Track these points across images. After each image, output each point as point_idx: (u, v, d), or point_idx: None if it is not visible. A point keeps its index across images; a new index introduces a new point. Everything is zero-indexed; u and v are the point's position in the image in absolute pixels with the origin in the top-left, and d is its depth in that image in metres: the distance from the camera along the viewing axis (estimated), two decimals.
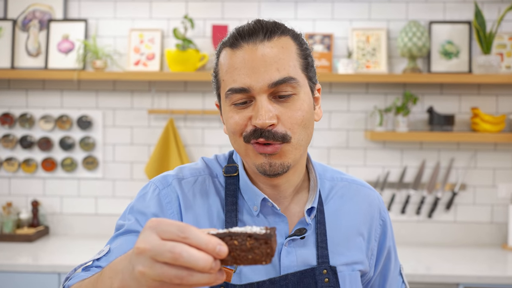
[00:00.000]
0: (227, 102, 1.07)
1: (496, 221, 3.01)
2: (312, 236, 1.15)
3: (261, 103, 1.03)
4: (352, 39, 2.98)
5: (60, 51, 3.03)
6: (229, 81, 1.05)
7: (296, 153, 1.07)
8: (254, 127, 1.04)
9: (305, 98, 1.07)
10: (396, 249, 1.32)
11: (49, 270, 2.50)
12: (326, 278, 1.13)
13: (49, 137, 3.07)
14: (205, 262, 0.70)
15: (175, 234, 0.71)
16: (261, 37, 1.05)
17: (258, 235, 0.73)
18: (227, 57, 1.07)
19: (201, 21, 3.04)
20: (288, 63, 1.05)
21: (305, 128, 1.07)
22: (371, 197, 1.25)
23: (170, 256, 0.69)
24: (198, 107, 3.05)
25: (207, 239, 0.70)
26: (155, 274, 0.71)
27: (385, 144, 3.03)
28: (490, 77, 2.80)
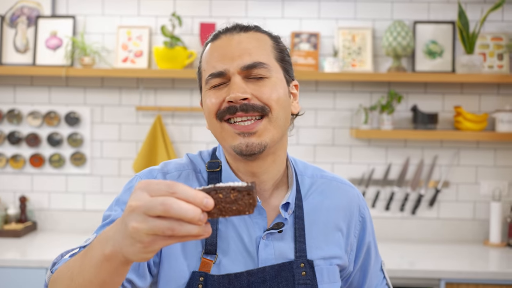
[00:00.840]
0: (206, 88, 1.14)
1: (478, 217, 3.07)
2: (290, 231, 1.18)
3: (234, 81, 1.10)
4: (338, 38, 3.02)
5: (48, 48, 3.04)
6: (209, 68, 1.14)
7: (273, 131, 1.11)
8: (229, 103, 1.10)
9: (278, 83, 1.13)
10: (376, 245, 1.36)
11: (37, 265, 2.52)
12: (303, 271, 1.16)
13: (37, 133, 3.08)
14: (193, 213, 0.73)
15: (164, 191, 0.75)
16: (238, 30, 1.15)
17: (241, 187, 0.78)
18: (208, 49, 1.17)
19: (189, 19, 3.07)
20: (261, 51, 1.13)
21: (282, 108, 1.13)
22: (351, 194, 1.29)
23: (162, 209, 0.73)
24: (186, 104, 3.08)
25: (195, 193, 0.75)
26: (148, 228, 0.74)
27: (370, 141, 3.08)
28: (473, 76, 2.85)
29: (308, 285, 1.16)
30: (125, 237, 0.77)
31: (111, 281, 0.85)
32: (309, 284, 1.16)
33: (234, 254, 1.15)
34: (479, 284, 2.50)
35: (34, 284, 2.51)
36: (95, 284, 0.86)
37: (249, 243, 1.16)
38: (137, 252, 0.77)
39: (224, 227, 1.16)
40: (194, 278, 1.11)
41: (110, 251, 0.80)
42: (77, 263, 0.89)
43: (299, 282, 1.15)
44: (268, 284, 1.13)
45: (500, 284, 2.50)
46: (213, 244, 1.14)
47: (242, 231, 1.16)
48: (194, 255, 1.14)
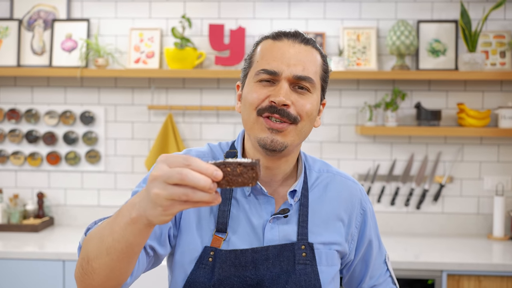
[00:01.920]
0: (254, 79, 1.25)
1: (482, 212, 3.14)
2: (295, 216, 1.31)
3: (282, 85, 1.22)
4: (343, 37, 3.11)
5: (63, 50, 3.16)
6: (264, 63, 1.25)
7: (296, 138, 1.25)
8: (271, 103, 1.22)
9: (315, 99, 1.27)
10: (380, 238, 1.47)
11: (54, 257, 2.64)
12: (303, 252, 1.28)
13: (53, 132, 3.21)
14: (205, 182, 0.87)
15: (181, 163, 0.89)
16: (300, 40, 1.27)
17: (246, 163, 0.92)
18: (268, 45, 1.27)
19: (198, 21, 3.17)
20: (313, 68, 1.26)
21: (309, 121, 1.26)
22: (353, 188, 1.41)
23: (178, 177, 0.87)
24: (196, 103, 3.18)
25: (206, 166, 0.89)
26: (167, 193, 0.88)
27: (375, 138, 3.15)
28: (475, 74, 2.92)
29: (307, 265, 1.28)
30: (148, 202, 0.91)
31: (135, 241, 0.99)
32: (308, 264, 1.28)
33: (243, 233, 1.28)
34: (480, 275, 2.57)
35: (51, 275, 2.63)
36: (121, 244, 0.99)
37: (257, 225, 1.28)
38: (158, 214, 0.91)
39: (236, 210, 1.29)
40: (206, 251, 1.25)
41: (136, 215, 0.95)
42: (107, 226, 1.03)
43: (299, 262, 1.27)
44: (271, 261, 1.26)
45: (501, 276, 2.56)
46: (224, 223, 1.27)
47: (251, 215, 1.29)
48: (207, 232, 1.27)
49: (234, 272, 1.23)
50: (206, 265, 1.24)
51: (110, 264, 1.03)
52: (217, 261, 1.23)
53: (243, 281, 1.23)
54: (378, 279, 1.45)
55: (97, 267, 1.05)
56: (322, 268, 1.30)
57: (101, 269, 1.05)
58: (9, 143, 3.24)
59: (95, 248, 1.04)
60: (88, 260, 1.06)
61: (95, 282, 1.07)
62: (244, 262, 1.24)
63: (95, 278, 1.07)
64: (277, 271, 1.25)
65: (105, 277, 1.06)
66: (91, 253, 1.05)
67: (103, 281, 1.07)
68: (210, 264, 1.24)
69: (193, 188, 0.87)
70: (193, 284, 1.24)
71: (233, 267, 1.24)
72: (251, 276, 1.24)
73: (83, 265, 1.08)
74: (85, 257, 1.07)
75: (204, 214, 1.28)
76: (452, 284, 2.57)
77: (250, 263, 1.25)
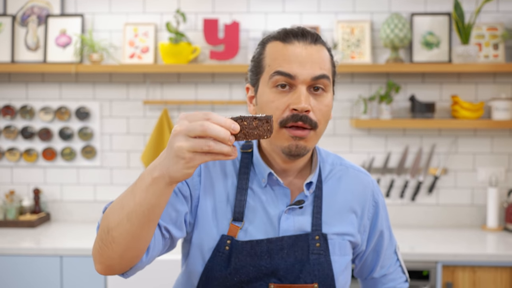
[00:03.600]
0: (269, 84, 1.26)
1: (476, 203, 3.17)
2: (310, 207, 1.34)
3: (301, 91, 1.23)
4: (338, 31, 3.12)
5: (58, 45, 3.16)
6: (276, 66, 1.25)
7: (315, 141, 1.29)
8: (293, 111, 1.23)
9: (330, 97, 1.29)
10: (391, 229, 1.51)
11: (51, 253, 2.65)
12: (317, 243, 1.32)
13: (48, 128, 3.21)
14: (225, 133, 0.93)
15: (201, 118, 0.94)
16: (310, 40, 1.26)
17: (261, 117, 0.97)
18: (278, 47, 1.27)
19: (192, 15, 3.17)
20: (326, 65, 1.27)
21: (326, 122, 1.29)
22: (365, 181, 1.45)
23: (200, 129, 0.92)
24: (191, 97, 3.19)
25: (225, 119, 0.94)
26: (189, 145, 0.93)
27: (370, 131, 3.17)
28: (469, 66, 2.94)
29: (321, 255, 1.31)
30: (171, 158, 0.96)
31: (157, 202, 1.03)
32: (322, 254, 1.31)
33: (259, 223, 1.31)
34: (475, 266, 2.59)
35: (48, 270, 2.65)
36: (143, 206, 1.03)
37: (273, 215, 1.32)
38: (180, 168, 0.95)
39: (252, 200, 1.32)
40: (223, 240, 1.28)
41: (158, 174, 0.99)
42: (127, 193, 1.06)
43: (313, 252, 1.31)
44: (286, 251, 1.29)
45: (496, 266, 2.59)
46: (240, 212, 1.30)
47: (268, 205, 1.32)
48: (224, 221, 1.30)
49: (250, 261, 1.27)
50: (223, 253, 1.27)
51: (130, 231, 1.06)
52: (233, 250, 1.27)
53: (258, 270, 1.27)
54: (389, 268, 1.49)
55: (117, 235, 1.07)
56: (335, 258, 1.34)
57: (121, 237, 1.07)
58: (5, 140, 3.24)
59: (115, 217, 1.07)
60: (108, 230, 1.08)
61: (114, 253, 1.09)
62: (259, 252, 1.28)
63: (114, 248, 1.09)
64: (291, 261, 1.29)
65: (125, 245, 1.08)
66: (112, 222, 1.07)
67: (123, 250, 1.09)
68: (227, 253, 1.27)
69: (214, 139, 0.92)
70: (211, 272, 1.27)
71: (249, 257, 1.27)
72: (266, 265, 1.27)
73: (102, 236, 1.10)
74: (105, 228, 1.09)
75: (221, 204, 1.31)
76: (447, 275, 2.60)
77: (265, 253, 1.28)
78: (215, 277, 1.27)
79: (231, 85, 3.18)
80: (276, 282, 1.28)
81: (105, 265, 1.13)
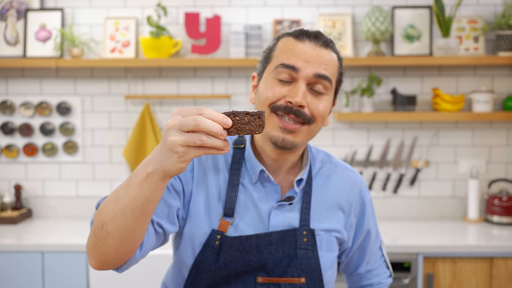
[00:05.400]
0: (273, 74, 1.29)
1: (457, 195, 3.19)
2: (299, 204, 1.37)
3: (300, 86, 1.26)
4: (319, 24, 3.12)
5: (38, 40, 3.13)
6: (283, 58, 1.29)
7: (306, 137, 1.30)
8: (287, 103, 1.26)
9: (329, 101, 1.31)
10: (377, 227, 1.54)
11: (33, 249, 2.63)
12: (305, 238, 1.34)
13: (29, 123, 3.18)
14: (217, 128, 0.94)
15: (193, 112, 0.96)
16: (321, 42, 1.30)
17: (254, 112, 0.98)
18: (290, 43, 1.30)
19: (174, 9, 3.15)
20: (332, 70, 1.31)
21: (321, 122, 1.31)
22: (353, 179, 1.48)
23: (193, 124, 0.93)
24: (173, 91, 3.17)
25: (217, 114, 0.96)
26: (182, 140, 0.94)
27: (352, 124, 3.18)
28: (449, 59, 2.96)
29: (308, 250, 1.34)
30: (164, 152, 0.97)
31: (151, 196, 1.04)
32: (309, 249, 1.34)
33: (249, 219, 1.33)
34: (455, 257, 2.62)
35: (30, 267, 2.63)
36: (137, 201, 1.04)
37: (263, 211, 1.34)
38: (174, 162, 0.97)
39: (243, 196, 1.34)
40: (213, 235, 1.31)
41: (152, 169, 1.00)
42: (122, 188, 1.07)
43: (301, 247, 1.33)
44: (274, 246, 1.32)
45: (476, 257, 2.62)
46: (231, 208, 1.32)
47: (258, 201, 1.34)
48: (215, 216, 1.32)
49: (239, 256, 1.29)
50: (213, 248, 1.30)
51: (125, 225, 1.07)
52: (223, 246, 1.29)
53: (247, 264, 1.30)
54: (374, 264, 1.52)
55: (111, 230, 1.08)
56: (322, 253, 1.37)
57: (115, 231, 1.08)
58: None
59: (110, 211, 1.08)
60: (102, 225, 1.09)
61: (109, 247, 1.10)
62: (248, 247, 1.30)
63: (109, 243, 1.10)
64: (279, 255, 1.31)
65: (120, 240, 1.09)
66: (106, 217, 1.08)
67: (117, 244, 1.10)
68: (217, 248, 1.29)
69: (206, 134, 0.94)
70: (201, 265, 1.30)
71: (238, 252, 1.30)
72: (254, 260, 1.30)
73: (96, 231, 1.11)
74: (99, 223, 1.10)
75: (213, 199, 1.33)
76: (428, 266, 2.62)
77: (254, 248, 1.30)
78: (205, 270, 1.30)
79: (213, 79, 3.17)
80: (264, 275, 1.31)
81: (100, 260, 1.14)
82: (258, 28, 3.06)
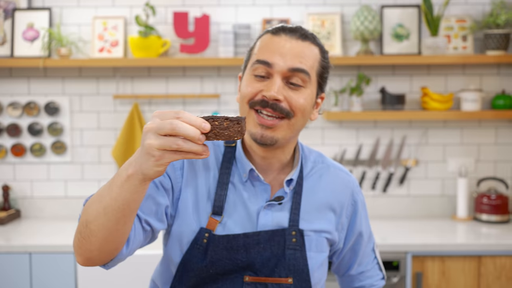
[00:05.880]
0: (250, 71, 1.30)
1: (447, 193, 3.20)
2: (288, 204, 1.36)
3: (275, 80, 1.26)
4: (308, 23, 3.12)
5: (25, 40, 3.11)
6: (260, 55, 1.29)
7: (288, 132, 1.28)
8: (263, 97, 1.25)
9: (310, 94, 1.29)
10: (370, 228, 1.52)
11: (21, 250, 2.61)
12: (294, 238, 1.34)
13: (17, 124, 3.16)
14: (194, 132, 0.93)
15: (172, 116, 0.95)
16: (298, 35, 1.29)
17: (233, 118, 0.97)
18: (267, 39, 1.31)
19: (162, 8, 3.14)
20: (309, 62, 1.28)
21: (303, 116, 1.29)
22: (346, 180, 1.46)
23: (169, 127, 0.93)
24: (162, 91, 3.16)
25: (195, 118, 0.95)
26: (159, 143, 0.94)
27: (341, 123, 3.18)
28: (438, 58, 2.96)
29: (297, 250, 1.33)
30: (143, 155, 0.97)
31: (131, 198, 1.04)
32: (298, 250, 1.33)
33: (238, 218, 1.33)
34: (444, 256, 2.63)
35: (18, 268, 2.61)
36: (118, 202, 1.05)
37: (252, 211, 1.33)
38: (151, 165, 0.97)
39: (233, 195, 1.34)
40: (201, 233, 1.31)
41: (132, 171, 1.01)
42: (105, 188, 1.08)
43: (289, 247, 1.33)
44: (262, 246, 1.31)
45: (464, 255, 2.63)
46: (220, 207, 1.32)
47: (248, 200, 1.34)
48: (204, 214, 1.32)
49: (226, 255, 1.29)
50: (200, 246, 1.29)
51: (107, 225, 1.07)
52: (210, 244, 1.29)
53: (234, 263, 1.29)
54: (366, 266, 1.51)
55: (95, 228, 1.09)
56: (311, 254, 1.36)
57: (99, 230, 1.09)
58: None
59: (94, 210, 1.09)
60: (86, 224, 1.10)
61: (93, 246, 1.11)
62: (236, 246, 1.30)
63: (92, 241, 1.11)
64: (267, 255, 1.31)
65: (103, 239, 1.10)
66: (90, 215, 1.09)
67: (101, 243, 1.11)
68: (204, 246, 1.29)
69: (184, 138, 0.93)
70: (188, 263, 1.30)
71: (225, 251, 1.29)
72: (242, 259, 1.29)
73: (81, 230, 1.12)
74: (84, 221, 1.11)
75: (202, 197, 1.33)
76: (417, 265, 2.63)
77: (242, 247, 1.30)
78: (192, 268, 1.29)
79: (202, 78, 3.16)
80: (251, 275, 1.30)
81: (85, 257, 1.15)
82: (247, 27, 3.06)
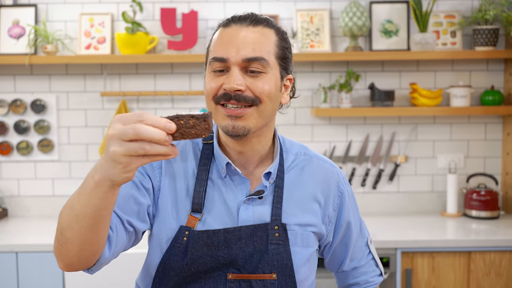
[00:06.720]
0: (209, 69, 1.28)
1: (436, 190, 3.20)
2: (270, 197, 1.33)
3: (233, 72, 1.23)
4: (297, 19, 3.10)
5: (11, 36, 3.07)
6: (214, 52, 1.26)
7: (259, 120, 1.25)
8: (224, 90, 1.23)
9: (273, 79, 1.26)
10: (361, 221, 1.49)
11: (7, 249, 2.58)
12: (276, 233, 1.31)
13: (3, 121, 3.12)
14: (159, 134, 0.91)
15: (134, 120, 0.92)
16: (248, 22, 1.26)
17: (198, 115, 0.95)
18: (218, 34, 1.29)
19: (150, 4, 3.11)
20: (264, 47, 1.25)
21: (271, 101, 1.26)
22: (329, 171, 1.42)
23: (133, 133, 0.90)
24: (150, 88, 3.14)
25: (159, 119, 0.93)
26: (124, 150, 0.91)
27: (330, 120, 3.17)
28: (427, 54, 2.96)
29: (280, 245, 1.30)
30: (109, 162, 0.94)
31: (102, 204, 1.02)
32: (281, 244, 1.30)
33: (218, 214, 1.30)
34: (434, 252, 2.62)
35: (4, 268, 2.58)
36: (89, 209, 1.03)
37: (232, 206, 1.31)
38: (119, 172, 0.94)
39: (212, 191, 1.31)
40: (181, 231, 1.28)
41: (98, 178, 0.98)
42: (75, 195, 1.07)
43: (272, 242, 1.30)
44: (244, 241, 1.28)
45: (454, 251, 2.62)
46: (199, 204, 1.29)
47: (227, 196, 1.31)
48: (184, 213, 1.30)
49: (207, 251, 1.27)
50: (180, 244, 1.27)
51: (80, 232, 1.06)
52: (190, 241, 1.27)
53: (216, 260, 1.27)
54: (360, 261, 1.47)
55: (70, 236, 1.07)
56: (296, 249, 1.33)
57: (73, 238, 1.07)
58: None
59: (66, 218, 1.07)
60: (61, 231, 1.09)
61: (70, 253, 1.10)
62: (216, 242, 1.27)
63: (69, 249, 1.09)
64: (250, 251, 1.28)
65: (79, 246, 1.08)
66: (64, 223, 1.08)
67: (77, 251, 1.09)
68: (184, 244, 1.27)
69: (149, 142, 0.90)
70: (168, 263, 1.27)
71: (206, 247, 1.27)
72: (224, 256, 1.27)
73: (58, 237, 1.11)
74: (59, 228, 1.10)
75: (181, 195, 1.31)
76: (406, 261, 2.62)
77: (223, 243, 1.27)
78: (172, 268, 1.27)
79: (190, 75, 3.13)
80: (234, 272, 1.28)
81: (65, 263, 1.14)
82: None
